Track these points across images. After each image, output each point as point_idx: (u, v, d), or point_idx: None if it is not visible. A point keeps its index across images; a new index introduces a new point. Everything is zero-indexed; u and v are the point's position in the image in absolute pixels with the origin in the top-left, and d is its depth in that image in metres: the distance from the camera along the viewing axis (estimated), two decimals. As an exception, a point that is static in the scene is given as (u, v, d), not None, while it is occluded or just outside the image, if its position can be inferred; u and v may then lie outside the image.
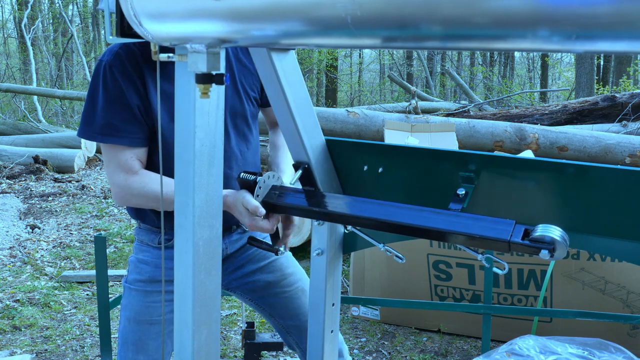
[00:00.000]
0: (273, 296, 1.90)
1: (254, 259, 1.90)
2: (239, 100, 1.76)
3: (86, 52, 18.12)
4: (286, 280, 1.90)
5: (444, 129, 5.14)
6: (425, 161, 1.39)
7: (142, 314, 1.76)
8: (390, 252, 1.46)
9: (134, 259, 1.83)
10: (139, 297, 1.77)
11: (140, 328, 1.76)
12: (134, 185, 1.62)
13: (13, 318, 3.78)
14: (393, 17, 0.79)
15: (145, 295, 1.77)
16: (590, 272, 3.11)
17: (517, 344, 1.98)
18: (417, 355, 3.26)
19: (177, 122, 1.15)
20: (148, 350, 1.76)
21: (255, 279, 1.89)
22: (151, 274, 1.78)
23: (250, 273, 1.89)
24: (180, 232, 1.18)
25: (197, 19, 1.00)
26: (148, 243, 1.80)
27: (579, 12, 0.67)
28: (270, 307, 1.92)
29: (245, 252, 1.89)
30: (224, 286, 1.91)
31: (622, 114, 6.91)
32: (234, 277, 1.90)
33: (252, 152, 1.84)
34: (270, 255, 1.90)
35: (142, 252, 1.81)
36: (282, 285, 1.90)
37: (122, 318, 1.81)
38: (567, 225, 1.18)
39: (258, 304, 1.93)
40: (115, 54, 1.59)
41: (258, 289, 1.90)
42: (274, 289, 1.89)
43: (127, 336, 1.78)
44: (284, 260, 1.92)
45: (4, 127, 10.37)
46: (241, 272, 1.89)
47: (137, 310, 1.77)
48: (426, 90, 16.05)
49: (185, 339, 1.20)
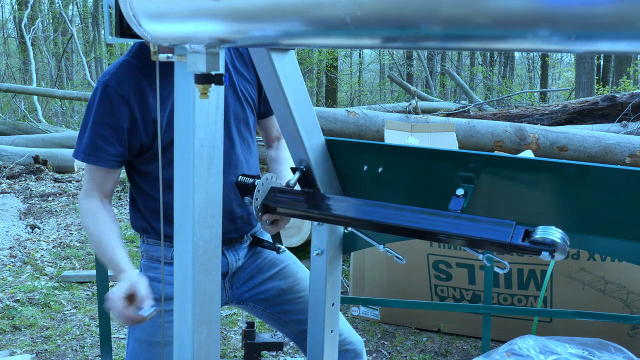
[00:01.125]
0: (288, 303, 1.87)
1: (264, 267, 1.87)
2: (241, 107, 1.76)
3: (86, 52, 18.11)
4: (299, 285, 1.88)
5: (444, 129, 5.14)
6: (425, 161, 1.39)
7: (155, 335, 1.70)
8: (391, 253, 1.46)
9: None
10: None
11: (152, 350, 1.70)
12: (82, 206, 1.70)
13: (13, 318, 3.78)
14: (393, 17, 0.79)
15: (157, 315, 1.69)
16: (590, 272, 3.11)
17: (517, 344, 1.98)
18: (417, 355, 3.26)
19: (176, 122, 1.15)
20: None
21: (269, 287, 1.87)
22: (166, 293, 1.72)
23: (262, 282, 1.87)
24: (180, 232, 1.18)
25: (197, 19, 1.00)
26: (158, 260, 1.76)
27: (579, 12, 0.67)
28: (285, 314, 1.89)
29: (254, 261, 1.87)
30: (235, 300, 1.87)
31: (622, 114, 6.91)
32: (246, 289, 1.86)
33: (254, 160, 1.85)
34: (279, 263, 1.88)
35: (153, 270, 1.76)
36: (296, 291, 1.88)
37: (130, 339, 1.74)
38: (567, 225, 1.18)
39: (271, 313, 1.89)
40: (111, 75, 1.62)
41: (272, 297, 1.87)
42: (288, 295, 1.87)
43: (138, 358, 1.72)
44: (293, 266, 1.90)
45: (4, 127, 10.37)
46: (253, 283, 1.86)
47: (149, 331, 1.69)
48: (426, 90, 16.06)
49: (185, 339, 1.20)
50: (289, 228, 4.46)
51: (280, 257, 1.89)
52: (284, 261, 1.90)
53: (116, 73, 1.62)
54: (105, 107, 1.61)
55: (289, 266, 1.90)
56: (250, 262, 1.87)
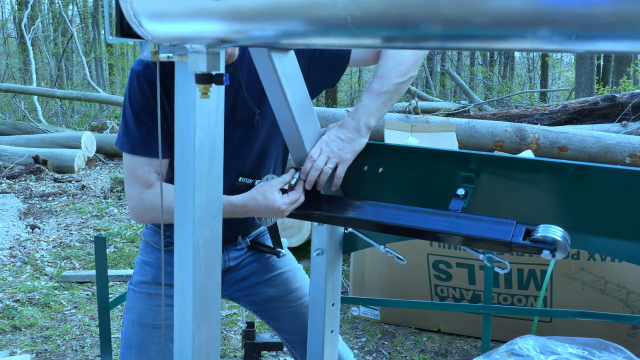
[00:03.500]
0: (276, 310, 1.86)
1: (258, 271, 1.86)
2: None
3: (86, 52, 18.12)
4: (290, 295, 1.86)
5: (444, 129, 5.14)
6: (425, 161, 1.40)
7: (146, 317, 1.74)
8: (391, 253, 1.46)
9: (139, 260, 1.82)
10: (143, 299, 1.75)
11: (143, 331, 1.74)
12: (147, 197, 1.58)
13: (13, 318, 3.78)
14: (393, 17, 0.79)
15: (149, 298, 1.74)
16: (590, 272, 3.11)
17: (517, 344, 1.98)
18: (417, 355, 3.26)
19: (177, 122, 1.15)
20: (150, 354, 1.73)
21: (259, 291, 1.86)
22: (154, 276, 1.75)
23: (253, 285, 1.86)
24: (180, 232, 1.18)
25: (197, 19, 1.00)
26: (152, 245, 1.78)
27: (579, 12, 0.67)
28: (274, 321, 1.88)
29: (250, 263, 1.86)
30: (227, 296, 1.87)
31: (622, 114, 6.91)
32: (238, 288, 1.86)
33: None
34: (275, 269, 1.86)
35: (147, 254, 1.80)
36: (287, 300, 1.86)
37: (125, 320, 1.79)
38: (567, 225, 1.18)
39: (262, 316, 1.90)
40: (145, 65, 1.55)
41: (261, 302, 1.87)
42: (277, 303, 1.86)
43: (130, 339, 1.76)
44: (290, 274, 1.87)
45: (4, 127, 10.37)
46: (244, 284, 1.86)
47: (141, 313, 1.74)
48: (426, 90, 16.05)
49: (185, 339, 1.20)
50: (289, 228, 4.46)
51: (278, 264, 1.87)
52: (281, 268, 1.87)
53: (148, 64, 1.57)
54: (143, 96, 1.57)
55: (285, 274, 1.87)
56: (247, 263, 1.85)
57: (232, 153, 1.60)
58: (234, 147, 1.64)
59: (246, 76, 1.62)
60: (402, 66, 1.54)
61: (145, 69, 1.54)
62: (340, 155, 1.45)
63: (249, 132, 1.66)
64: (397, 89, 1.54)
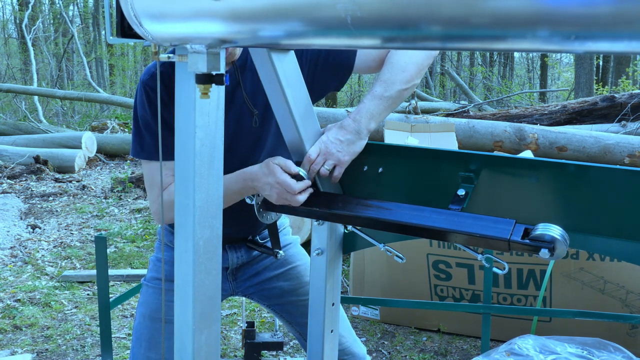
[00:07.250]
0: (290, 304, 1.91)
1: (271, 266, 1.90)
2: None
3: (87, 52, 18.12)
4: (303, 288, 1.90)
5: (444, 129, 5.14)
6: (425, 161, 1.40)
7: (157, 311, 1.80)
8: (391, 252, 1.46)
9: (154, 258, 1.89)
10: (156, 295, 1.81)
11: (154, 326, 1.80)
12: (164, 199, 1.60)
13: (14, 318, 3.78)
14: (393, 17, 0.80)
15: (161, 293, 1.79)
16: (590, 272, 3.11)
17: (517, 344, 1.98)
18: (417, 355, 3.26)
19: (177, 122, 1.15)
20: (160, 348, 1.78)
21: (272, 286, 1.90)
22: (168, 273, 1.78)
23: (266, 280, 1.90)
24: (181, 232, 1.18)
25: (198, 19, 1.00)
26: (167, 243, 1.84)
27: (579, 12, 0.67)
28: (288, 314, 1.93)
29: (262, 260, 1.90)
30: (241, 292, 1.92)
31: (621, 114, 6.90)
32: (251, 284, 1.91)
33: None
34: (287, 264, 1.90)
35: (160, 251, 1.86)
36: (299, 294, 1.90)
37: (138, 314, 1.85)
38: (567, 225, 1.19)
39: (276, 310, 1.95)
40: (152, 74, 1.62)
41: (274, 296, 1.91)
42: (290, 296, 1.90)
43: (142, 333, 1.81)
44: (302, 268, 1.92)
45: (5, 127, 10.37)
46: (257, 279, 1.90)
47: (153, 307, 1.80)
48: (426, 90, 16.05)
49: (185, 339, 1.20)
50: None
51: (290, 258, 1.92)
52: (293, 262, 1.92)
53: (154, 73, 1.63)
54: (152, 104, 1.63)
55: (297, 268, 1.92)
56: (258, 260, 1.89)
57: (241, 158, 1.65)
58: (246, 151, 1.68)
59: (249, 80, 1.66)
60: (406, 74, 1.56)
61: (152, 79, 1.62)
62: (338, 158, 1.45)
63: (257, 136, 1.71)
64: (400, 95, 1.55)
